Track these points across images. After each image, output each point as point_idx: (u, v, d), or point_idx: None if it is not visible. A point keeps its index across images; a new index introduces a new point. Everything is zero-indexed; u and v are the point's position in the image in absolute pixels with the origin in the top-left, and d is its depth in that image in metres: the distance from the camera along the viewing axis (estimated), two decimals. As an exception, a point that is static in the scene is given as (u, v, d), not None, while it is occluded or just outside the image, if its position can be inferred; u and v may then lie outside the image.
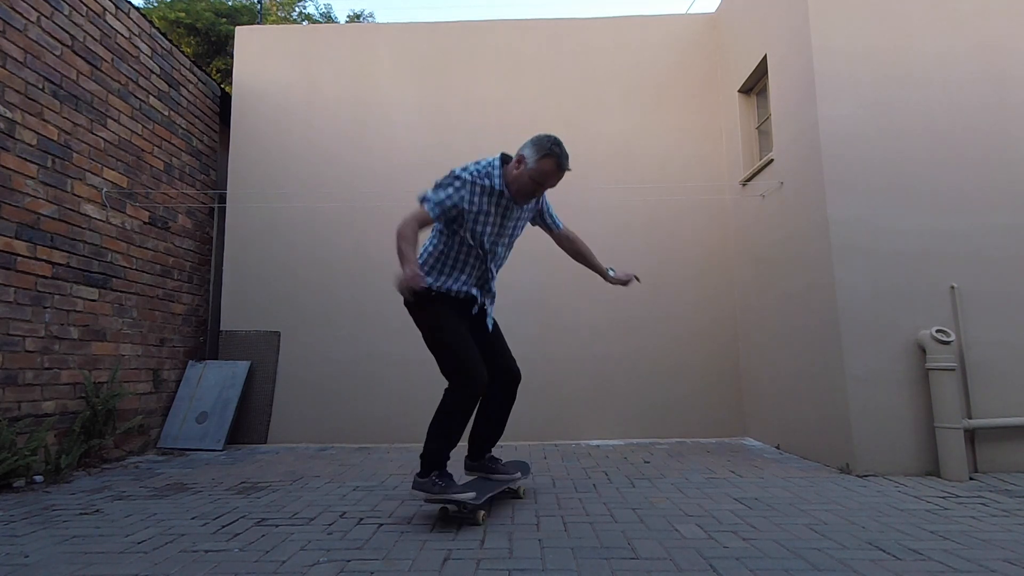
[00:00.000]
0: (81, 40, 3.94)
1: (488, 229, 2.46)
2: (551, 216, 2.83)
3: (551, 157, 2.35)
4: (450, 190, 2.39)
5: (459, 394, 2.41)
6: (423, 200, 2.43)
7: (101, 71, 4.10)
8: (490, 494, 2.51)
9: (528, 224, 2.76)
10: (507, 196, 2.45)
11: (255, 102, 5.33)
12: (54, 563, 2.04)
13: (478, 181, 2.41)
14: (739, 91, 4.86)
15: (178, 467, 3.83)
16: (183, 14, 10.29)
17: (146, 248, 4.48)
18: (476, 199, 2.41)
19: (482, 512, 2.41)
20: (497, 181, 2.42)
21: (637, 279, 2.93)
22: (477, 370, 2.41)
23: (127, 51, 4.35)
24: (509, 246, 2.63)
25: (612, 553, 2.06)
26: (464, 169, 2.43)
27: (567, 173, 2.47)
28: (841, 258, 3.45)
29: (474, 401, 2.45)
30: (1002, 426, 3.28)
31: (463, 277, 2.53)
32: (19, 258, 3.43)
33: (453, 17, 18.95)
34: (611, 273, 2.92)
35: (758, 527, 2.34)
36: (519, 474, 2.82)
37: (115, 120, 4.21)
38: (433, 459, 2.42)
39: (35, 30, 3.59)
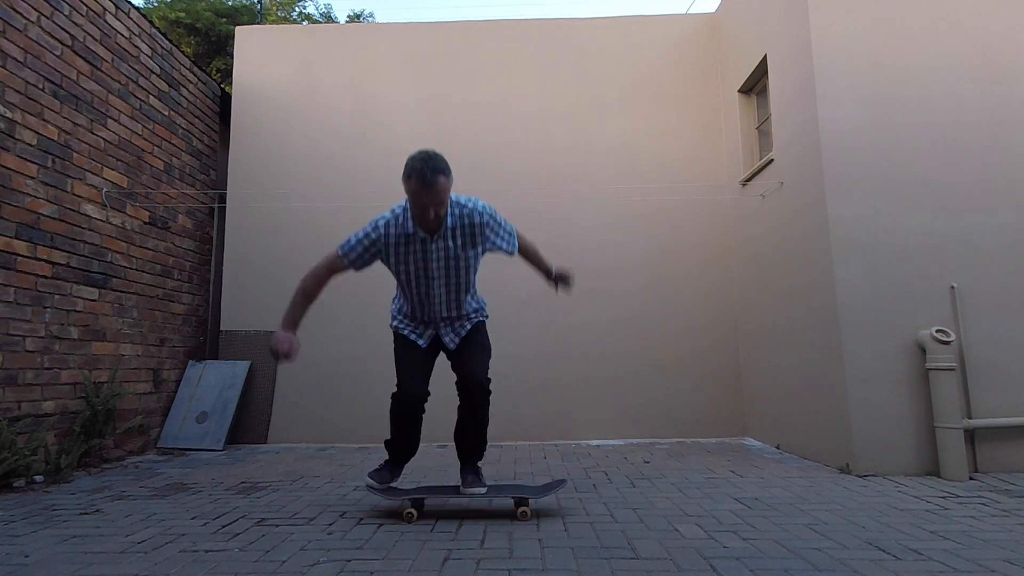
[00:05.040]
0: (81, 40, 3.94)
1: (412, 269, 2.49)
2: (503, 240, 2.61)
3: (412, 178, 2.27)
4: (361, 235, 2.48)
5: (392, 399, 2.67)
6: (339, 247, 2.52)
7: (101, 71, 4.10)
8: (417, 495, 2.60)
9: (506, 253, 2.70)
10: (421, 233, 2.41)
11: (255, 102, 5.33)
12: (54, 563, 2.04)
13: (392, 230, 2.43)
14: (739, 91, 4.86)
15: (178, 467, 3.83)
16: (183, 14, 10.29)
17: (146, 248, 4.48)
18: (392, 248, 2.45)
19: (408, 511, 2.52)
20: (410, 224, 2.41)
21: (566, 281, 2.89)
22: (406, 381, 2.61)
23: (127, 51, 4.35)
24: (454, 281, 2.53)
25: (612, 553, 2.06)
26: (379, 219, 2.47)
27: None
28: (841, 258, 3.45)
29: (402, 406, 2.62)
30: (1002, 426, 3.28)
31: (412, 318, 2.68)
32: (19, 258, 3.42)
33: (453, 17, 18.97)
34: (554, 273, 2.90)
35: (758, 527, 2.34)
36: (481, 489, 2.62)
37: (115, 120, 4.21)
38: (388, 445, 2.76)
39: (35, 30, 3.59)
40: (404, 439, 2.68)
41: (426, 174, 2.24)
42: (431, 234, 2.41)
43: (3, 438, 3.13)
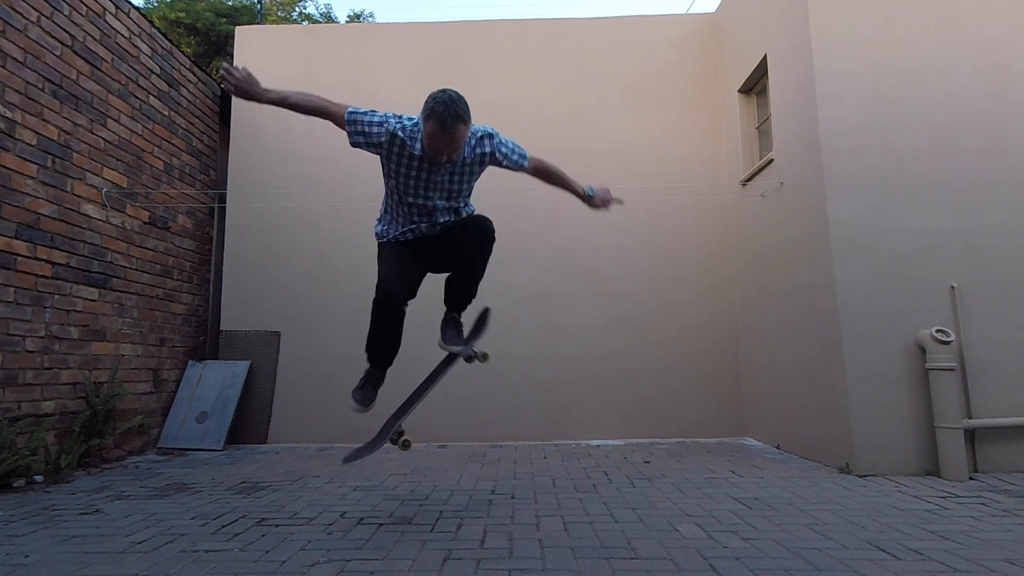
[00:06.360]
0: (81, 40, 3.94)
1: (410, 184, 2.40)
2: (510, 159, 2.51)
3: (430, 119, 2.15)
4: (375, 119, 2.34)
5: (375, 298, 2.49)
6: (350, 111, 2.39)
7: (101, 71, 4.10)
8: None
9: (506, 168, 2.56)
10: (427, 159, 2.32)
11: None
12: (54, 563, 2.04)
13: (397, 139, 2.30)
14: (739, 91, 4.86)
15: (178, 467, 3.83)
16: (183, 14, 10.29)
17: (146, 248, 4.48)
18: (395, 157, 2.34)
19: (404, 439, 2.61)
20: (418, 147, 2.30)
21: (620, 201, 2.78)
22: (388, 281, 2.46)
23: (127, 51, 4.35)
24: (454, 198, 2.50)
25: (612, 553, 2.06)
26: (391, 120, 2.33)
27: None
28: (841, 257, 3.45)
29: (383, 306, 2.47)
30: (1002, 426, 3.28)
31: (401, 221, 2.56)
32: (19, 258, 3.42)
33: (453, 17, 18.96)
34: (590, 192, 2.74)
35: (758, 527, 2.34)
36: (459, 348, 2.66)
37: (115, 120, 4.21)
38: (367, 346, 2.63)
39: (35, 30, 3.59)
40: (386, 336, 2.55)
41: (446, 120, 2.14)
42: (439, 165, 2.33)
43: (3, 438, 3.13)
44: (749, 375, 4.75)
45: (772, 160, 4.25)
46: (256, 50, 5.42)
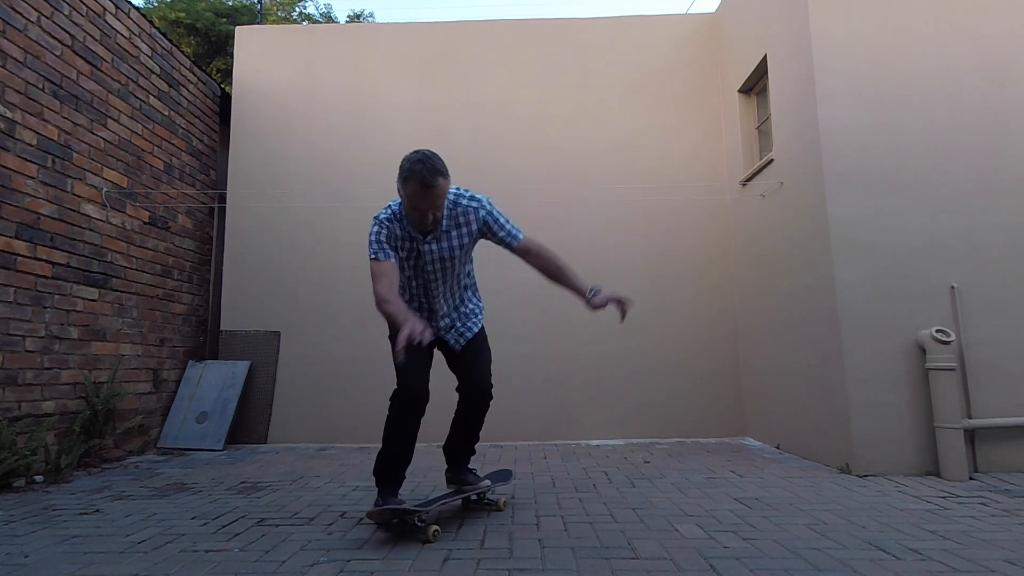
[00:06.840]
0: (81, 40, 3.94)
1: (409, 268, 2.43)
2: (504, 232, 2.52)
3: (410, 180, 2.17)
4: (373, 236, 2.37)
5: (393, 399, 2.46)
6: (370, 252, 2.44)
7: (101, 71, 4.10)
8: (437, 504, 2.41)
9: (492, 241, 2.56)
10: (413, 233, 2.34)
11: (255, 102, 5.33)
12: (54, 563, 2.04)
13: (393, 224, 2.36)
14: (739, 91, 4.86)
15: (178, 467, 3.83)
16: (183, 14, 10.30)
17: (146, 248, 4.48)
18: (397, 239, 2.37)
19: (433, 528, 2.24)
20: (406, 222, 2.34)
21: (623, 309, 2.45)
22: (408, 379, 2.41)
23: (127, 51, 4.35)
24: (451, 276, 2.49)
25: (612, 553, 2.06)
26: (378, 216, 2.39)
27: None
28: (841, 257, 3.45)
29: (405, 408, 2.41)
30: (1002, 426, 3.28)
31: (407, 299, 2.54)
32: (19, 258, 3.43)
33: (453, 17, 18.97)
34: (591, 295, 2.50)
35: (758, 527, 2.34)
36: (487, 482, 2.67)
37: (115, 120, 4.21)
38: (376, 468, 2.47)
39: (35, 30, 3.59)
40: (403, 447, 2.45)
41: (426, 176, 2.15)
42: (424, 235, 2.35)
43: (3, 438, 3.13)
44: (749, 375, 4.75)
45: (772, 160, 4.25)
46: (256, 50, 5.42)
